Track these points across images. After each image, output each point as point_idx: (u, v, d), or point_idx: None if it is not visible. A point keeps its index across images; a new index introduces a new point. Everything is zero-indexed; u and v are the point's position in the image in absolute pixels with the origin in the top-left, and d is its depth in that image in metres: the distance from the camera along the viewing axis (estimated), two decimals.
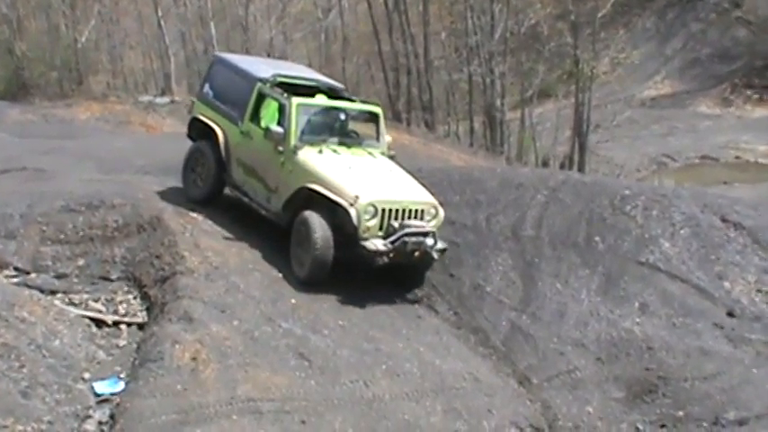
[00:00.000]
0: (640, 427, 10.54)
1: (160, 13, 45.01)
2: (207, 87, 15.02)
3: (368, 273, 12.93)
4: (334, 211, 12.39)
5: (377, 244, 12.32)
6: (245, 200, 14.01)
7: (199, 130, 14.83)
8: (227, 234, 13.43)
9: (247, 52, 44.80)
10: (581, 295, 12.70)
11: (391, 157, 14.11)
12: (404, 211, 12.59)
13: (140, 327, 11.47)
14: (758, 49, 50.04)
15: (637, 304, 12.43)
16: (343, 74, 44.15)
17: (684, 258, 13.26)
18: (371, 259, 12.51)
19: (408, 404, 10.14)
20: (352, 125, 14.38)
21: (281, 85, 14.20)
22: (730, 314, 12.28)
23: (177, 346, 10.05)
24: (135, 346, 10.99)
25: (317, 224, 12.23)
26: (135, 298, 12.13)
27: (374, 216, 12.35)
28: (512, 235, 13.95)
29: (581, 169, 34.57)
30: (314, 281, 12.27)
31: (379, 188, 12.73)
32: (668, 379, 11.07)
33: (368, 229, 12.33)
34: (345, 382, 10.23)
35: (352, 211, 12.21)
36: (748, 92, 48.88)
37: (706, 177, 33.87)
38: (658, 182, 31.01)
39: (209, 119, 14.54)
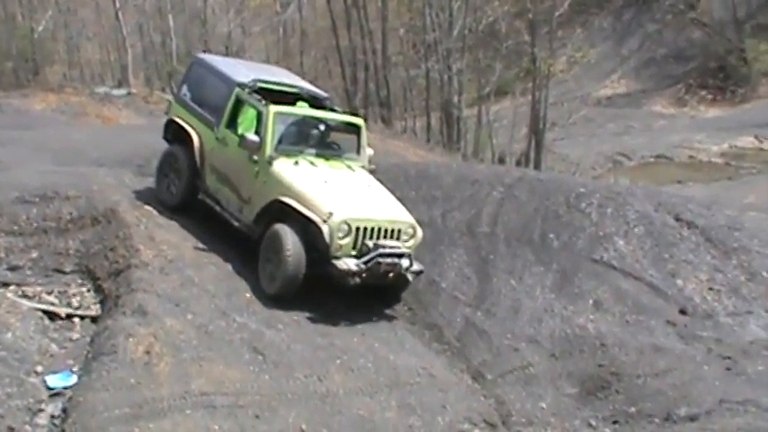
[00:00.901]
0: (593, 423, 10.61)
1: (118, 5, 44.56)
2: (185, 89, 14.57)
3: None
4: (307, 227, 12.02)
5: (349, 263, 11.93)
6: (217, 209, 13.61)
7: (174, 133, 14.39)
8: (183, 227, 13.36)
9: (206, 45, 44.60)
10: (535, 292, 12.78)
11: (372, 172, 13.67)
12: (379, 229, 12.21)
13: (94, 320, 11.40)
14: (712, 50, 50.52)
15: (590, 301, 12.53)
16: (300, 68, 44.00)
17: (638, 256, 13.38)
18: (343, 279, 12.03)
19: (362, 399, 10.16)
20: (332, 136, 13.85)
21: (262, 90, 13.77)
22: (682, 312, 12.41)
23: (131, 340, 9.99)
24: (88, 339, 10.90)
25: (289, 239, 11.84)
26: (89, 291, 12.04)
27: (348, 234, 11.97)
28: (467, 231, 14.01)
29: (537, 167, 34.66)
30: (283, 297, 11.90)
31: (355, 205, 12.34)
32: (621, 375, 11.17)
33: (340, 247, 11.96)
34: (299, 377, 10.24)
35: (325, 228, 11.84)
36: (702, 92, 49.35)
37: (660, 176, 34.09)
38: (613, 180, 31.20)
39: (186, 122, 14.12)
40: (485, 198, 14.67)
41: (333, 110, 14.36)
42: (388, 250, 12.07)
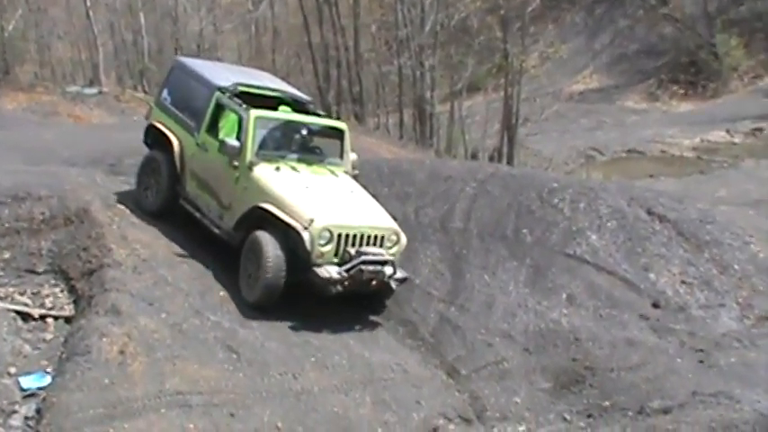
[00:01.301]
0: (567, 417, 10.67)
1: (88, 3, 44.34)
2: (165, 93, 14.33)
3: None
4: (288, 234, 11.78)
5: (330, 271, 11.69)
6: (197, 215, 13.33)
7: (155, 138, 14.16)
8: (156, 226, 13.30)
9: (177, 43, 44.47)
10: (509, 287, 12.82)
11: (355, 177, 13.47)
12: (362, 236, 12.00)
13: (67, 320, 11.33)
14: (684, 45, 50.71)
15: (564, 296, 12.58)
16: (273, 65, 43.96)
17: (611, 250, 13.44)
18: (324, 287, 11.77)
19: (337, 396, 10.19)
20: (315, 141, 13.57)
21: (243, 94, 13.51)
22: (655, 305, 12.49)
23: (105, 340, 9.95)
24: (62, 339, 10.83)
25: (270, 246, 11.60)
26: (62, 291, 11.95)
27: (329, 241, 11.76)
28: (440, 227, 14.03)
29: (510, 162, 34.66)
30: (264, 305, 11.70)
31: (337, 211, 12.13)
32: (595, 369, 11.23)
33: (322, 254, 11.73)
34: (274, 375, 10.24)
35: (306, 236, 11.61)
36: (674, 87, 49.53)
37: (632, 171, 34.16)
38: (586, 175, 31.27)
39: (166, 127, 13.88)
40: (458, 194, 14.69)
41: (316, 114, 14.09)
42: (370, 257, 11.88)
